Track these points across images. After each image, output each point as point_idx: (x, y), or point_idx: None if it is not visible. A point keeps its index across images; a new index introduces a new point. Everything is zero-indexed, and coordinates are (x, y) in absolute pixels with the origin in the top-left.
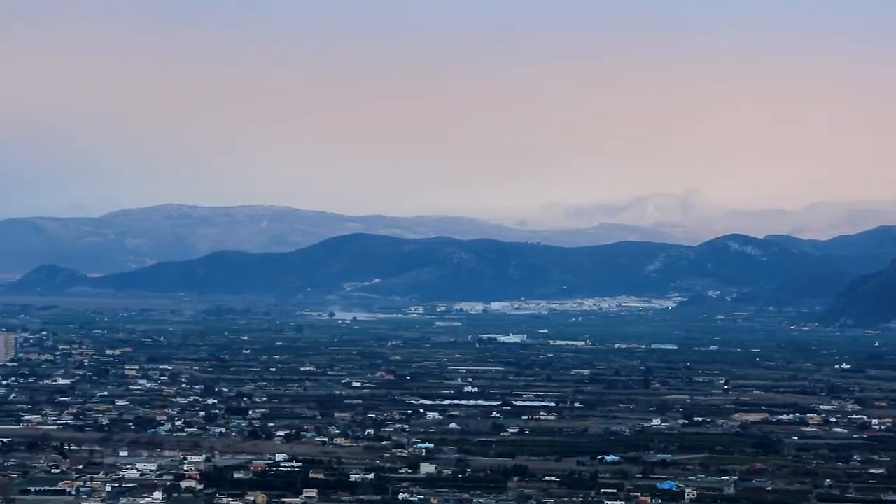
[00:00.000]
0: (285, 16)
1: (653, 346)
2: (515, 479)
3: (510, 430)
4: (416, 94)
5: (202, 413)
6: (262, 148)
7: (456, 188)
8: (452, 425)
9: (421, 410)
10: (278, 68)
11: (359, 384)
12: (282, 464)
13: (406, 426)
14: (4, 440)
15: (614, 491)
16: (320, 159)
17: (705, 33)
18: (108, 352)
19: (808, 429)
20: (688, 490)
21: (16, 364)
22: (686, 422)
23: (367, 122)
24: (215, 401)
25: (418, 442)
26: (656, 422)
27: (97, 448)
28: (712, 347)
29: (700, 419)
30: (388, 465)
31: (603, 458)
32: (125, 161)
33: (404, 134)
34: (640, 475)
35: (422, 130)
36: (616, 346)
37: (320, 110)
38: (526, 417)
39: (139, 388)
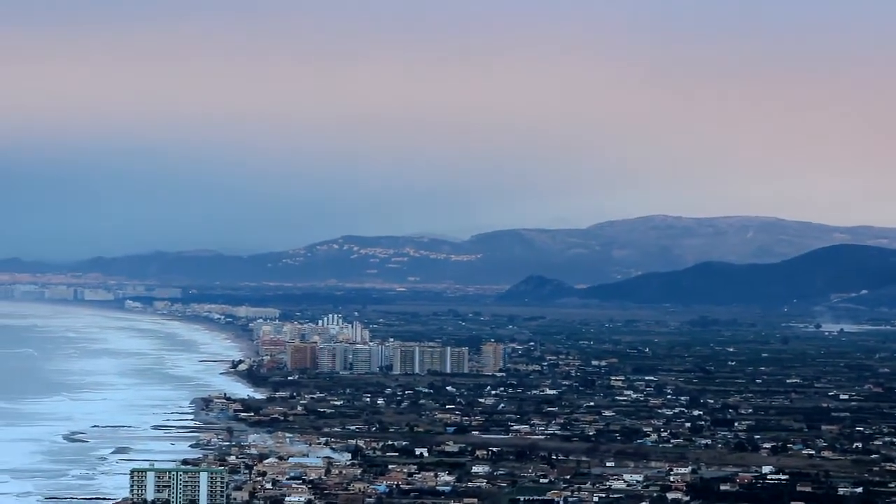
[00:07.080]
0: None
1: None
2: None
3: None
4: None
5: (688, 424)
6: (745, 158)
7: None
8: None
9: None
10: (761, 76)
11: (846, 397)
12: (768, 476)
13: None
14: (494, 449)
15: None
16: (805, 169)
17: None
18: (595, 362)
19: None
20: None
21: (504, 374)
22: None
23: (852, 128)
24: (701, 412)
25: None
26: None
27: (584, 458)
28: None
29: None
30: (877, 479)
31: None
32: (611, 172)
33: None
34: None
35: None
36: None
37: (802, 119)
38: None
39: (625, 398)
